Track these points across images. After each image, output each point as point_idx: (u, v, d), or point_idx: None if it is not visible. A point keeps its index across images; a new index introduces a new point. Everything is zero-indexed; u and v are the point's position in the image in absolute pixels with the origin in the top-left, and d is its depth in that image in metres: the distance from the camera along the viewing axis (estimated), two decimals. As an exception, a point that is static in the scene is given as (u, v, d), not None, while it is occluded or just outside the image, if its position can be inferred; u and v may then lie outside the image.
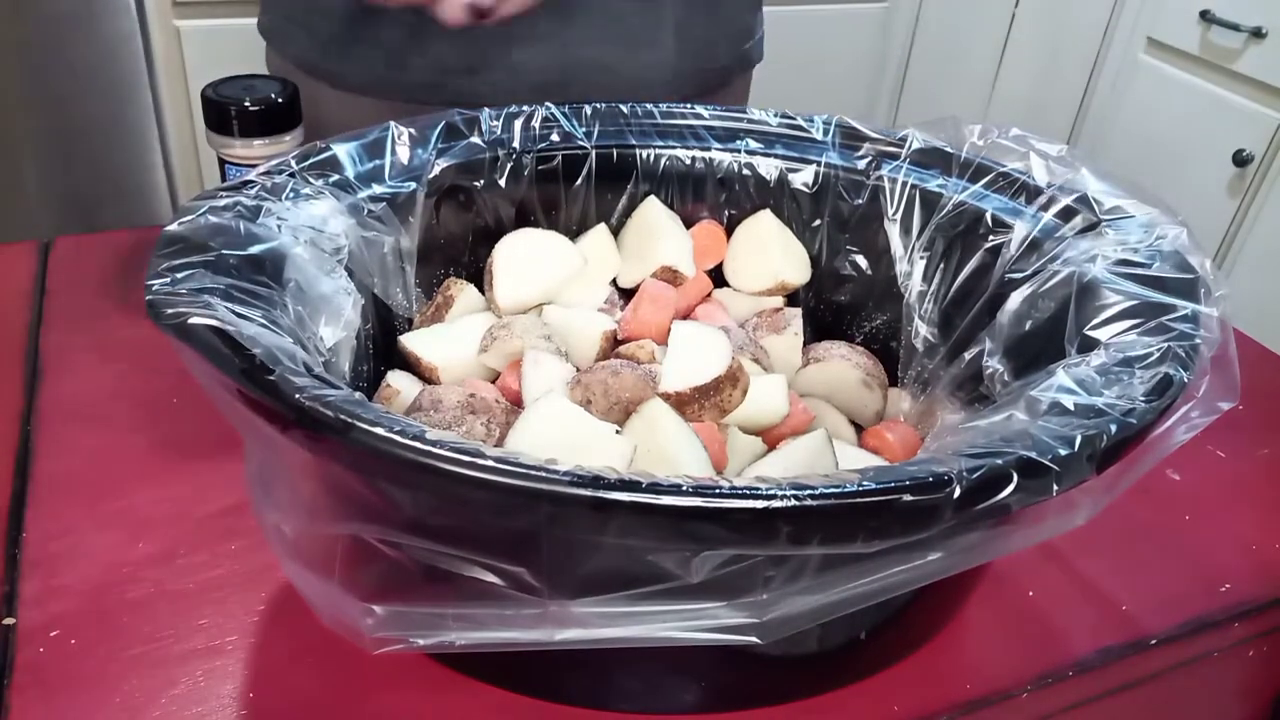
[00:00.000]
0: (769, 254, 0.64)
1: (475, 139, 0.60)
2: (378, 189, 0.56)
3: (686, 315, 0.62)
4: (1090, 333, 0.47)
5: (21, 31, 1.44)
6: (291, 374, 0.36)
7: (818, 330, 0.65)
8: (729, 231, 0.65)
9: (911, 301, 0.61)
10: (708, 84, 0.89)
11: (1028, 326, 0.52)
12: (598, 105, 0.64)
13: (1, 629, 0.47)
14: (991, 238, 0.57)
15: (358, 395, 0.37)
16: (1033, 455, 0.36)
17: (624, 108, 0.64)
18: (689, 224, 0.65)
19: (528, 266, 0.60)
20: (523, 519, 0.34)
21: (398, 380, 0.56)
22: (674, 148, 0.64)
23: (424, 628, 0.37)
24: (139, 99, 1.54)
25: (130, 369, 0.64)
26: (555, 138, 0.62)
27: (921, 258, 0.61)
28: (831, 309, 0.66)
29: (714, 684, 0.46)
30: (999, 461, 0.36)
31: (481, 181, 0.61)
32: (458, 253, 0.62)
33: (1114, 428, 0.38)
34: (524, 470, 0.33)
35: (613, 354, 0.58)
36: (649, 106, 0.65)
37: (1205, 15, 1.77)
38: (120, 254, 0.76)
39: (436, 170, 0.58)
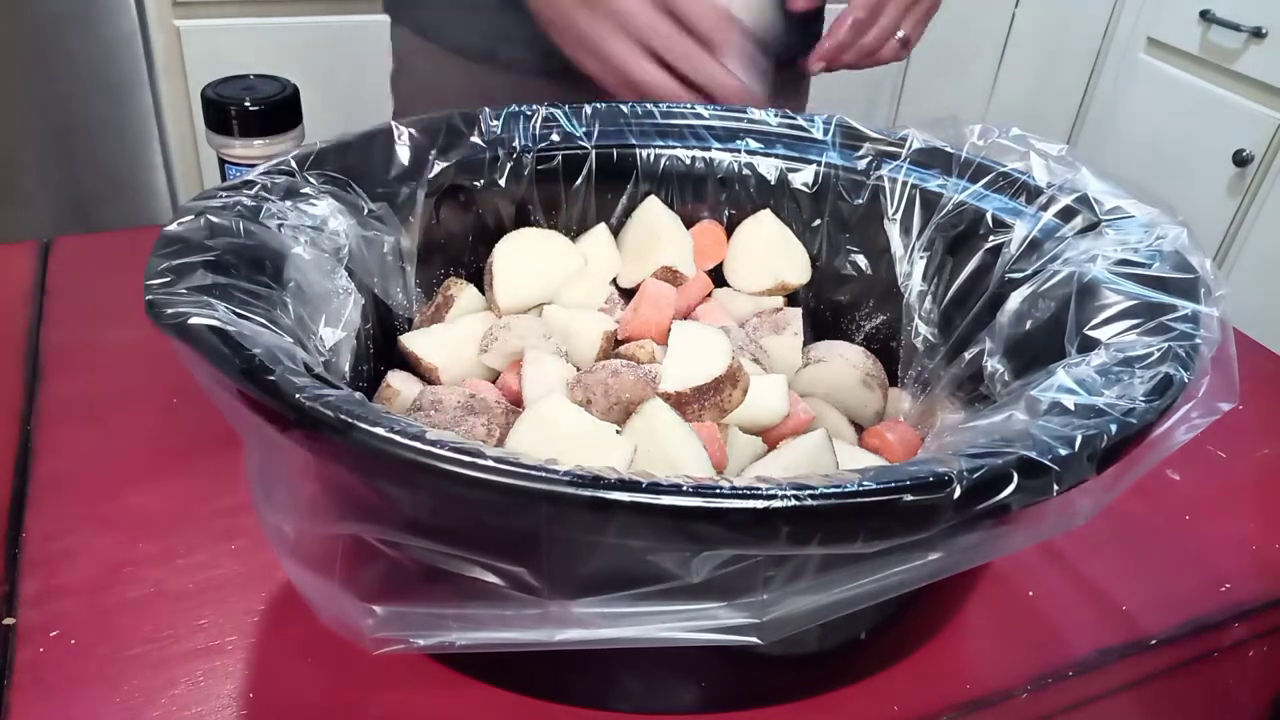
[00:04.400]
0: (769, 254, 0.64)
1: (475, 139, 0.60)
2: (378, 189, 0.56)
3: (686, 315, 0.62)
4: (1090, 333, 0.47)
5: (21, 31, 1.44)
6: (291, 374, 0.36)
7: (818, 330, 0.65)
8: (729, 231, 0.65)
9: (911, 301, 0.61)
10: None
11: (1028, 326, 0.52)
12: (598, 105, 0.64)
13: (1, 629, 0.47)
14: (991, 238, 0.57)
15: (358, 395, 0.37)
16: (1033, 455, 0.36)
17: (624, 107, 0.64)
18: (689, 224, 0.65)
19: (528, 266, 0.60)
20: (523, 519, 0.34)
21: (398, 380, 0.56)
22: (674, 148, 0.64)
23: (424, 628, 0.37)
24: (139, 99, 1.54)
25: (130, 369, 0.64)
26: (555, 137, 0.62)
27: (921, 258, 0.61)
28: (831, 309, 0.66)
29: (714, 684, 0.46)
30: (999, 461, 0.36)
31: (481, 181, 0.61)
32: (458, 253, 0.62)
33: (1114, 428, 0.38)
34: (524, 470, 0.33)
35: (613, 354, 0.58)
36: (649, 106, 0.65)
37: (1205, 15, 1.77)
38: (120, 254, 0.76)
39: (436, 170, 0.58)
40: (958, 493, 0.34)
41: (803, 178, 0.64)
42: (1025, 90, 2.17)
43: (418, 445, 0.33)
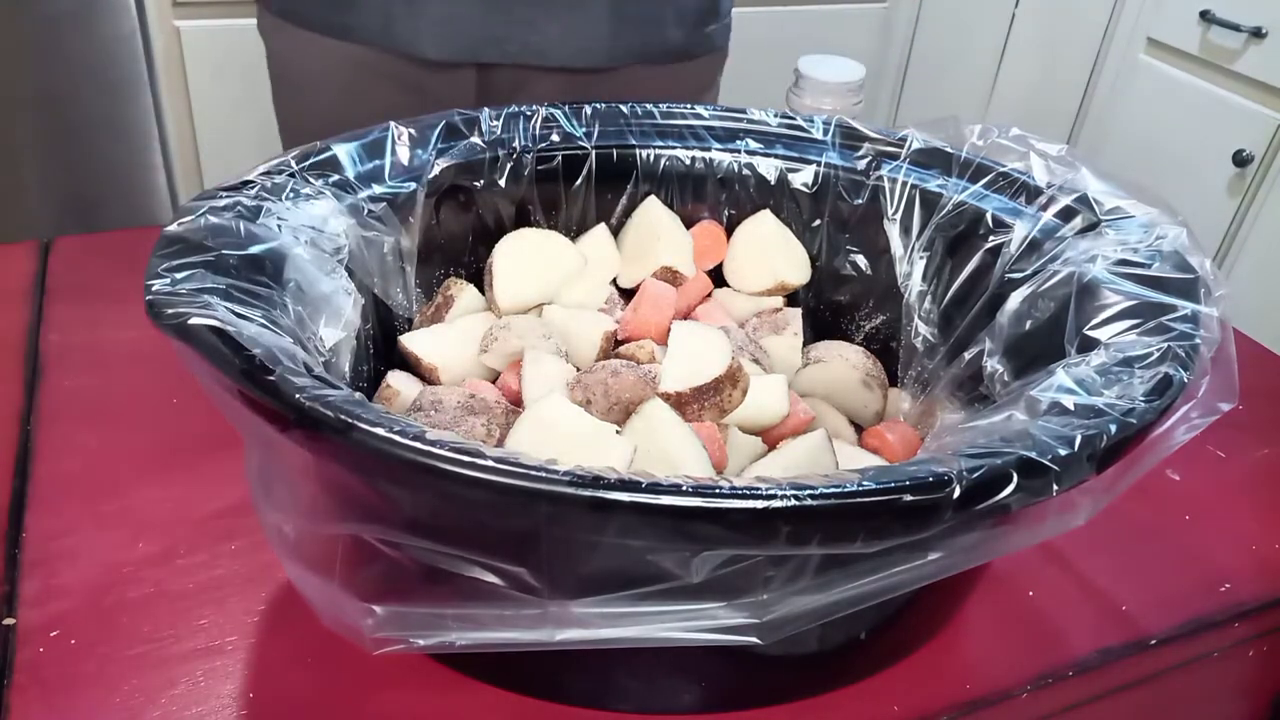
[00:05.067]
0: (769, 254, 0.64)
1: (475, 139, 0.60)
2: (378, 189, 0.56)
3: (686, 315, 0.62)
4: (1090, 333, 0.47)
5: (21, 31, 1.44)
6: (291, 374, 0.36)
7: (818, 330, 0.65)
8: (729, 231, 0.65)
9: (911, 301, 0.61)
10: (654, 58, 0.89)
11: (1028, 326, 0.52)
12: (598, 105, 0.64)
13: (1, 629, 0.47)
14: (991, 238, 0.57)
15: (358, 395, 0.37)
16: (1033, 455, 0.36)
17: (624, 108, 0.64)
18: (689, 224, 0.65)
19: (528, 266, 0.60)
20: (522, 519, 0.34)
21: (398, 380, 0.56)
22: (674, 148, 0.64)
23: (424, 628, 0.37)
24: (139, 99, 1.54)
25: (130, 369, 0.64)
26: (555, 138, 0.62)
27: (921, 258, 0.61)
28: (831, 309, 0.66)
29: (714, 684, 0.46)
30: (999, 461, 0.36)
31: (481, 181, 0.61)
32: (458, 253, 0.62)
33: (1114, 428, 0.38)
34: (524, 470, 0.33)
35: (613, 354, 0.58)
36: (649, 106, 0.65)
37: (1205, 15, 1.77)
38: (120, 254, 0.76)
39: (436, 170, 0.58)
40: (957, 493, 0.34)
41: (803, 178, 0.64)
42: (1025, 90, 2.17)
43: (418, 445, 0.33)
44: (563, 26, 0.83)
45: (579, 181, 0.63)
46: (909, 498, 0.34)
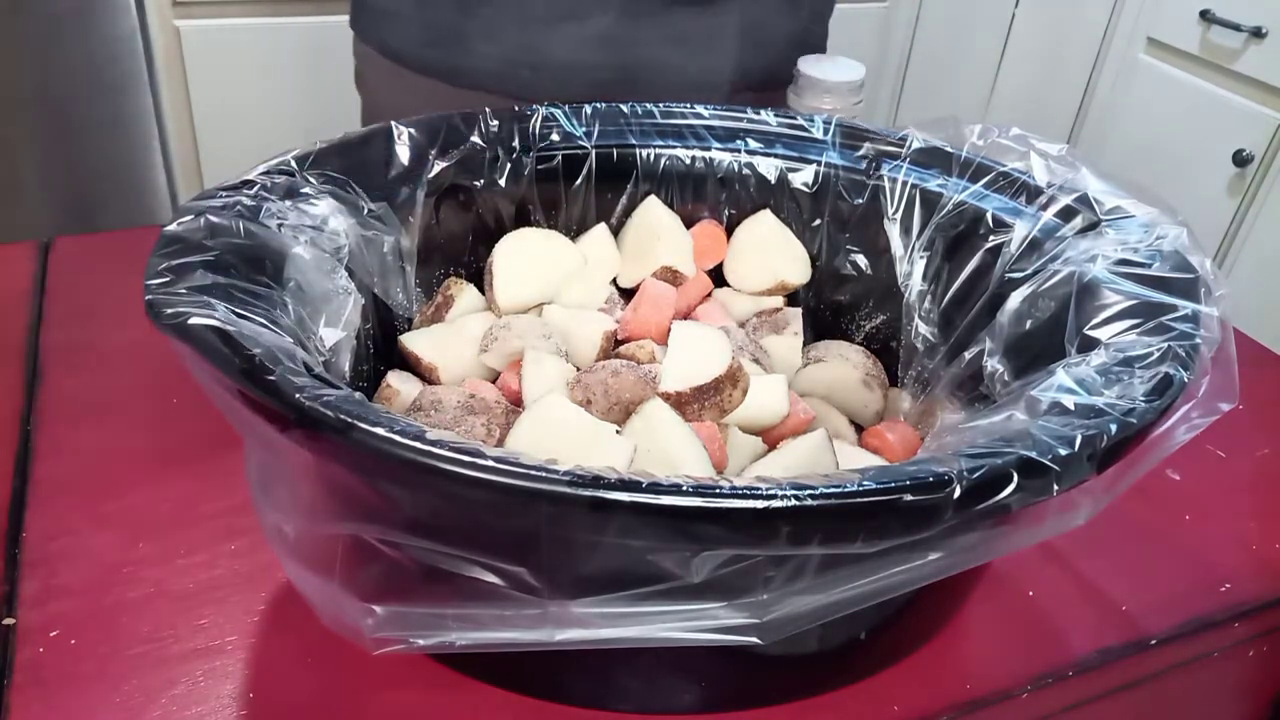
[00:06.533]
0: (769, 254, 0.64)
1: (475, 139, 0.60)
2: (378, 189, 0.56)
3: (686, 315, 0.62)
4: (1090, 332, 0.47)
5: (21, 31, 1.44)
6: (291, 374, 0.36)
7: (818, 330, 0.65)
8: (729, 231, 0.65)
9: (911, 301, 0.61)
10: (762, 84, 0.90)
11: (1028, 326, 0.52)
12: (598, 105, 0.64)
13: (1, 629, 0.47)
14: (992, 238, 0.57)
15: (358, 395, 0.37)
16: (1033, 455, 0.36)
17: (624, 107, 0.64)
18: (689, 224, 0.65)
19: (528, 266, 0.60)
20: (522, 519, 0.34)
21: (398, 380, 0.56)
22: (674, 147, 0.64)
23: (424, 628, 0.37)
24: (139, 99, 1.54)
25: (130, 369, 0.64)
26: (555, 137, 0.62)
27: (921, 258, 0.61)
28: (831, 309, 0.66)
29: (714, 684, 0.46)
30: (999, 461, 0.36)
31: (481, 181, 0.61)
32: (458, 253, 0.62)
33: (1114, 428, 0.38)
34: (524, 470, 0.33)
35: (613, 354, 0.58)
36: (649, 106, 0.65)
37: (1205, 15, 1.77)
38: (120, 254, 0.76)
39: (436, 170, 0.58)
40: (958, 493, 0.34)
41: (803, 177, 0.64)
42: (1025, 90, 2.17)
43: (418, 445, 0.33)
44: (693, 59, 0.83)
45: (579, 181, 0.63)
46: (909, 498, 0.34)
